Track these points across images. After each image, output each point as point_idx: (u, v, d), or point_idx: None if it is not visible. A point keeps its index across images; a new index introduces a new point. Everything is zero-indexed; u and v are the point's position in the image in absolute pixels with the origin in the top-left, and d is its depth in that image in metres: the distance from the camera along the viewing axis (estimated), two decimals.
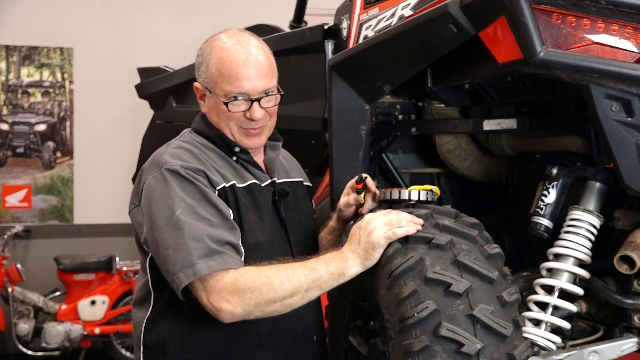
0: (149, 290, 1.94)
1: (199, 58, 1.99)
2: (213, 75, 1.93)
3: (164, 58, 5.20)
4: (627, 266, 1.76)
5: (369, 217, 1.82)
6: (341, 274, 1.78)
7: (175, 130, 2.08)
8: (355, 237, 1.81)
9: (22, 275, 5.31)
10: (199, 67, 1.98)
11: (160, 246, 1.78)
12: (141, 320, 1.94)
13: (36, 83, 5.95)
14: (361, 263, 1.79)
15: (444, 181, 2.72)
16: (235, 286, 1.72)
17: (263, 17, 4.55)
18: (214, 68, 1.92)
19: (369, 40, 2.15)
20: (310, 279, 1.76)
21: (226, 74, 1.91)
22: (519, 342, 1.68)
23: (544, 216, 1.96)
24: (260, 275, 1.74)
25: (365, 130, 2.23)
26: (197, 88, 2.00)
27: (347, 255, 1.79)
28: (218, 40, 1.96)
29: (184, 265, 1.73)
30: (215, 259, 1.73)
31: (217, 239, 1.76)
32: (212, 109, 1.97)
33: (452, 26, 1.79)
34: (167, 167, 1.84)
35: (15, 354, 5.31)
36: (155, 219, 1.80)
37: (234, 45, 1.93)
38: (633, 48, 1.62)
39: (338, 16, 2.78)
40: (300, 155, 2.31)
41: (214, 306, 1.73)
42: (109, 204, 5.93)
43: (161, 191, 1.82)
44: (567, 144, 2.13)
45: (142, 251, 1.94)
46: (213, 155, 1.94)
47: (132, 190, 1.95)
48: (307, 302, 1.79)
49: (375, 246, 1.78)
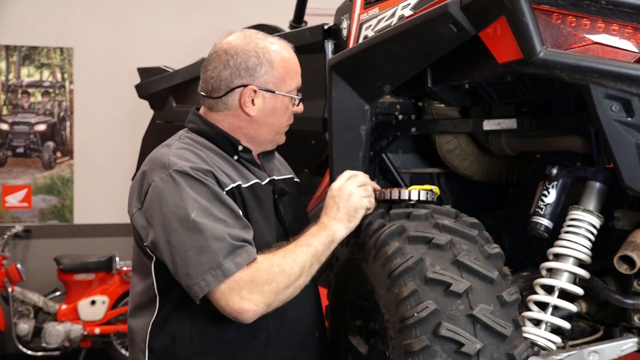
0: (153, 295, 1.89)
1: (252, 60, 1.90)
2: (280, 74, 1.93)
3: (164, 58, 5.20)
4: (627, 266, 1.76)
5: (337, 185, 1.94)
6: (331, 241, 1.88)
7: (175, 131, 2.07)
8: (331, 206, 1.91)
9: (22, 275, 5.31)
10: (256, 69, 1.91)
11: (177, 249, 1.74)
12: (145, 325, 1.89)
13: (36, 83, 5.95)
14: (345, 227, 1.90)
15: (444, 181, 2.72)
16: (253, 283, 1.72)
17: (263, 17, 4.56)
18: (281, 66, 1.93)
19: (369, 40, 2.15)
20: (310, 255, 1.82)
21: (292, 70, 1.96)
22: (519, 342, 1.68)
23: (544, 216, 1.96)
24: (272, 265, 1.76)
25: (365, 130, 2.23)
26: (253, 91, 1.91)
27: (330, 223, 1.89)
28: (262, 40, 1.95)
29: (210, 267, 1.70)
30: (239, 254, 1.73)
31: (236, 237, 1.75)
32: (268, 110, 1.94)
33: (452, 26, 1.79)
34: (175, 169, 1.81)
35: (15, 354, 5.31)
36: (168, 221, 1.76)
37: (283, 42, 1.98)
38: (633, 48, 1.62)
39: (338, 16, 2.78)
40: (300, 155, 2.31)
41: (234, 309, 1.71)
42: (109, 204, 5.93)
43: (172, 193, 1.78)
44: (567, 144, 2.13)
45: (144, 255, 1.89)
46: (214, 156, 1.92)
47: (132, 192, 1.91)
48: (310, 278, 1.84)
49: (358, 208, 1.91)
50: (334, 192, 1.93)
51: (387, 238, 1.82)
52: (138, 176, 1.91)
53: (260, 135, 1.97)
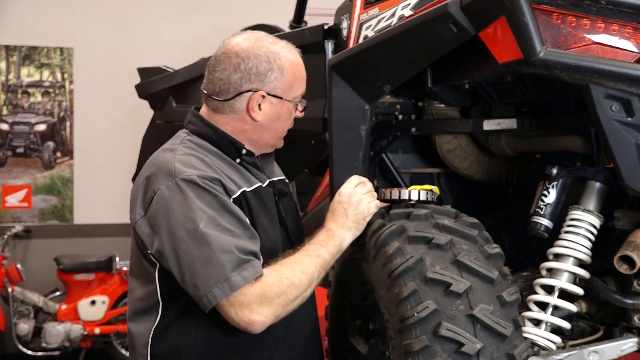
0: (156, 301, 1.86)
1: (263, 65, 1.88)
2: (289, 81, 1.91)
3: (164, 58, 5.20)
4: (627, 266, 1.76)
5: (347, 191, 1.93)
6: (339, 250, 1.89)
7: (175, 131, 2.06)
8: (340, 212, 1.91)
9: (22, 275, 5.31)
10: (267, 74, 1.88)
11: (184, 260, 1.72)
12: (147, 330, 1.86)
13: (36, 83, 5.95)
14: (353, 235, 1.91)
15: (444, 181, 2.72)
16: (263, 296, 1.71)
17: (263, 17, 4.56)
18: (290, 73, 1.91)
19: (369, 40, 2.15)
20: (319, 266, 1.82)
21: (299, 76, 1.95)
22: (519, 342, 1.68)
23: (544, 216, 1.96)
24: (281, 278, 1.75)
25: (365, 130, 2.23)
26: (261, 96, 1.89)
27: (338, 231, 1.89)
28: (273, 44, 1.91)
29: (217, 280, 1.69)
30: (246, 268, 1.71)
31: (243, 249, 1.73)
32: (273, 116, 1.93)
33: (452, 26, 1.78)
34: (182, 177, 1.77)
35: (15, 354, 5.31)
36: (176, 231, 1.74)
37: (292, 47, 1.95)
38: (633, 48, 1.62)
39: (338, 16, 2.78)
40: (300, 155, 2.31)
41: (244, 321, 1.71)
42: (109, 204, 5.93)
43: (179, 202, 1.75)
44: (567, 144, 2.13)
45: (147, 262, 1.86)
46: (218, 160, 1.89)
47: (134, 197, 1.86)
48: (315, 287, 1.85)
49: (366, 216, 1.92)
50: (342, 197, 1.92)
51: (387, 238, 1.82)
52: (141, 181, 1.86)
53: (262, 140, 1.96)
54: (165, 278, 1.82)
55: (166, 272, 1.80)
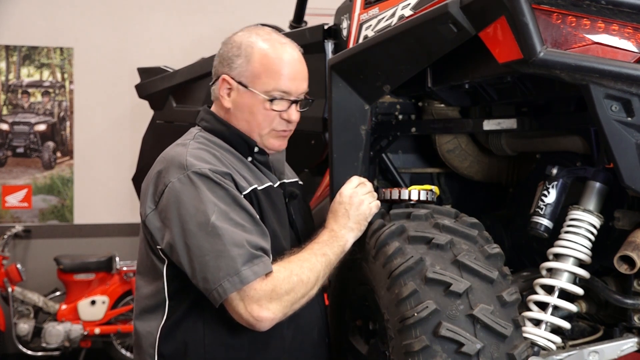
0: (162, 299, 1.84)
1: (233, 50, 1.89)
2: (255, 70, 1.87)
3: (164, 58, 5.20)
4: (627, 266, 1.76)
5: (348, 192, 1.94)
6: (342, 251, 1.89)
7: (175, 130, 2.06)
8: (342, 213, 1.91)
9: (22, 275, 5.31)
10: (233, 59, 1.89)
11: (195, 253, 1.71)
12: (154, 330, 1.85)
13: (36, 83, 5.95)
14: (355, 236, 1.92)
15: (444, 181, 2.72)
16: (273, 292, 1.71)
17: (263, 17, 4.55)
18: (258, 62, 1.87)
19: (369, 40, 2.15)
20: (325, 265, 1.83)
21: (273, 69, 1.87)
22: (519, 342, 1.68)
23: (544, 216, 1.96)
24: (290, 274, 1.75)
25: (365, 130, 2.22)
26: (225, 81, 1.90)
27: (341, 232, 1.89)
28: (259, 35, 1.91)
29: (228, 273, 1.68)
30: (257, 263, 1.70)
31: (254, 244, 1.73)
32: (243, 106, 1.90)
33: (452, 26, 1.78)
34: (194, 170, 1.77)
35: (15, 354, 5.31)
36: (186, 224, 1.73)
37: (280, 43, 1.91)
38: (633, 48, 1.62)
39: (338, 16, 2.78)
40: (300, 155, 2.31)
41: (253, 316, 1.70)
42: (109, 204, 5.93)
43: (190, 195, 1.74)
44: (567, 144, 2.13)
45: (156, 258, 1.84)
46: (230, 156, 1.89)
47: (145, 192, 1.84)
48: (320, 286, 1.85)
49: (368, 216, 1.93)
50: (344, 198, 1.93)
51: (387, 238, 1.82)
52: (152, 175, 1.85)
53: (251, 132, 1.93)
54: (174, 275, 1.81)
55: (174, 269, 1.79)
